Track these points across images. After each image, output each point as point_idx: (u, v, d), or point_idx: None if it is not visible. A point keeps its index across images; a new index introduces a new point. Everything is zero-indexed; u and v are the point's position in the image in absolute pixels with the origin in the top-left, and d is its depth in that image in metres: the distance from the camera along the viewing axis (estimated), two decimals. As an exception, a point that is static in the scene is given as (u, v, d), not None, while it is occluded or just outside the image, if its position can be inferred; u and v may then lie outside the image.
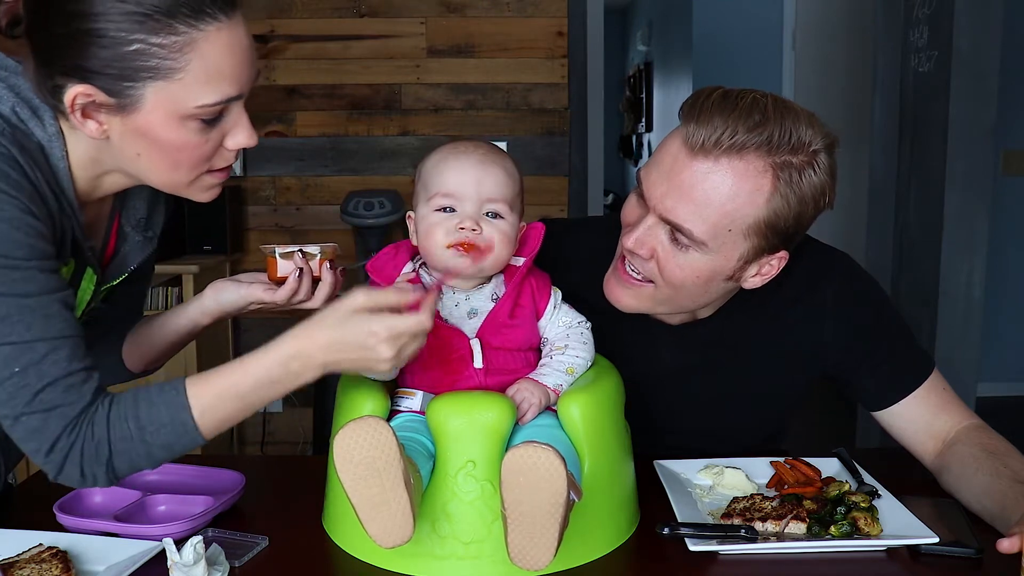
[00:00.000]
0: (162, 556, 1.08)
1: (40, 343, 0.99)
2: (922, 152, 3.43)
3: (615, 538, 1.19)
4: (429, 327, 1.05)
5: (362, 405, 1.15)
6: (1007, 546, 1.04)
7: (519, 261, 1.24)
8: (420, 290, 1.08)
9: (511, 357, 1.21)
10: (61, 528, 1.21)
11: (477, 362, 1.17)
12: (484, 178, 1.19)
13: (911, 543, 1.14)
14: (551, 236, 1.27)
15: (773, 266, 1.30)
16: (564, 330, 1.24)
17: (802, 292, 1.41)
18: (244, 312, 1.31)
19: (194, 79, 1.00)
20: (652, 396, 1.44)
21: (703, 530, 1.16)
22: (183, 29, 0.98)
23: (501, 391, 1.17)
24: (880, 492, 1.26)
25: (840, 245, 1.50)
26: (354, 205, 3.39)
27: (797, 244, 1.31)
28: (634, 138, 9.33)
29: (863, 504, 1.20)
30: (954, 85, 3.18)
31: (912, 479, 1.36)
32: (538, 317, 1.24)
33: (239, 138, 1.08)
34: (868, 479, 1.31)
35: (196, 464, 1.39)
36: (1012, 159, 4.55)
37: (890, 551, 1.15)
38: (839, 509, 1.20)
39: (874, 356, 1.40)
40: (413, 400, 1.19)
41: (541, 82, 3.70)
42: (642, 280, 1.30)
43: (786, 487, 1.30)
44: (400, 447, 0.98)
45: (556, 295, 1.26)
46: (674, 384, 1.45)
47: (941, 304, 3.31)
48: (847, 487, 1.25)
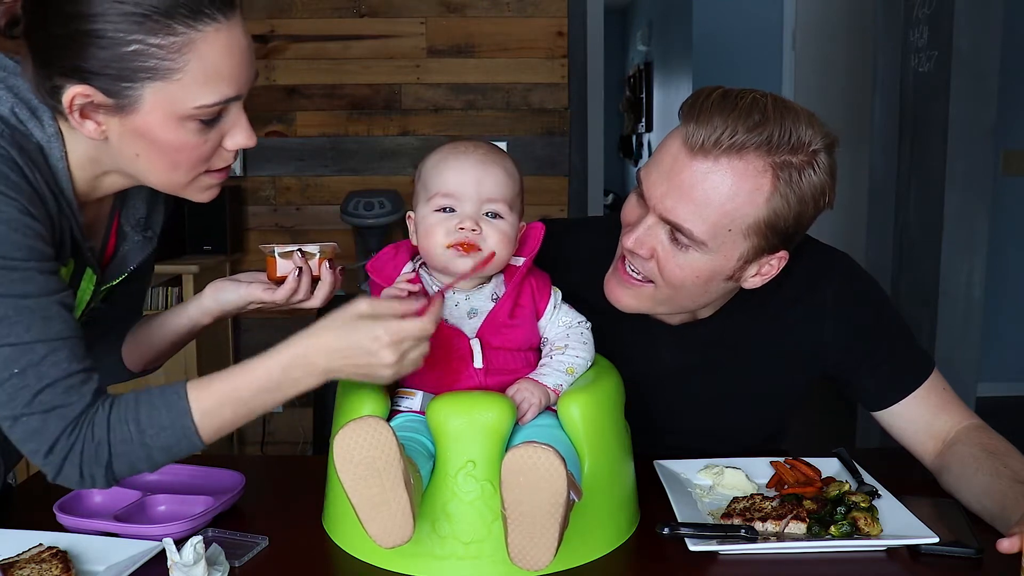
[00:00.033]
0: (162, 556, 1.08)
1: (39, 344, 0.99)
2: (922, 152, 3.43)
3: (615, 538, 1.19)
4: (431, 332, 1.05)
5: (362, 405, 1.15)
6: (1007, 546, 1.04)
7: (519, 261, 1.24)
8: (422, 297, 1.09)
9: (511, 357, 1.21)
10: (61, 528, 1.21)
11: (477, 362, 1.17)
12: (484, 178, 1.19)
13: (911, 543, 1.14)
14: (551, 236, 1.27)
15: (773, 266, 1.30)
16: (564, 330, 1.24)
17: (802, 292, 1.41)
18: (244, 312, 1.31)
19: (192, 80, 1.00)
20: (652, 396, 1.44)
21: (703, 530, 1.16)
22: (181, 30, 0.98)
23: (501, 391, 1.17)
24: (880, 492, 1.26)
25: (840, 245, 1.50)
26: (354, 205, 3.39)
27: (797, 244, 1.31)
28: (634, 138, 9.33)
29: (863, 504, 1.20)
30: (954, 85, 3.18)
31: (912, 479, 1.36)
32: (538, 317, 1.24)
33: (238, 139, 1.08)
34: (868, 479, 1.31)
35: (196, 464, 1.39)
36: (1012, 159, 4.55)
37: (890, 551, 1.15)
38: (839, 509, 1.20)
39: (874, 356, 1.40)
40: (413, 400, 1.19)
41: (541, 82, 3.70)
42: (642, 280, 1.30)
43: (786, 487, 1.30)
44: (400, 447, 0.98)
45: (556, 295, 1.26)
46: (674, 384, 1.45)
47: (941, 304, 3.31)
48: (847, 487, 1.25)
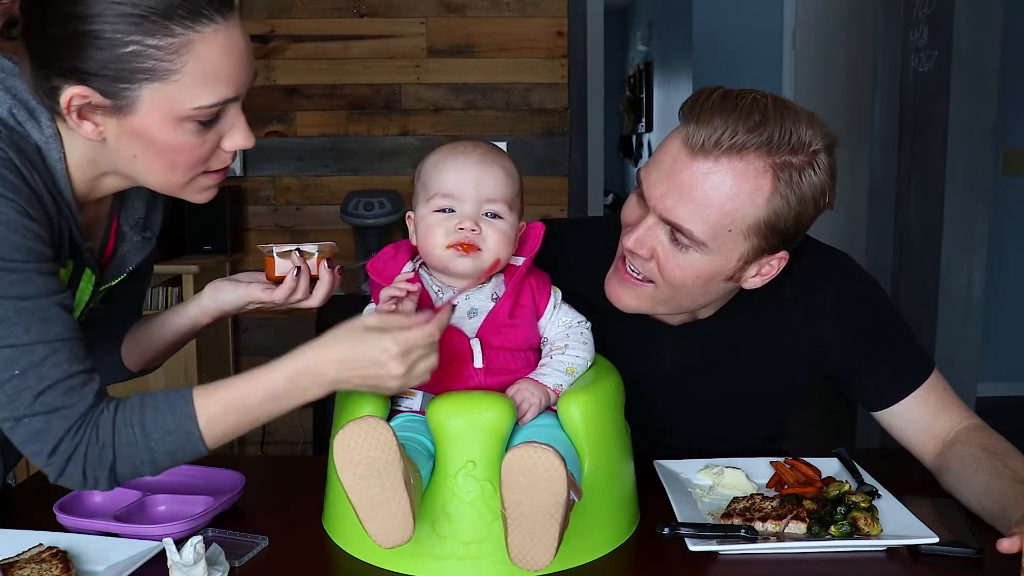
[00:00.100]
0: (162, 556, 1.07)
1: (39, 345, 0.99)
2: (922, 152, 3.43)
3: (615, 538, 1.19)
4: (437, 338, 1.06)
5: (362, 405, 1.15)
6: (1007, 546, 1.04)
7: (519, 261, 1.24)
8: (429, 310, 1.10)
9: (511, 357, 1.21)
10: (61, 528, 1.21)
11: (477, 362, 1.17)
12: (483, 178, 1.19)
13: (911, 543, 1.14)
14: (551, 236, 1.27)
15: (773, 266, 1.30)
16: (564, 330, 1.24)
17: (802, 292, 1.41)
18: (243, 312, 1.31)
19: (190, 81, 1.00)
20: (652, 396, 1.44)
21: (703, 530, 1.16)
22: (179, 31, 0.98)
23: (501, 391, 1.17)
24: (880, 492, 1.26)
25: (840, 245, 1.50)
26: (354, 205, 3.39)
27: (797, 244, 1.31)
28: (634, 138, 9.33)
29: (863, 504, 1.20)
30: (954, 85, 3.18)
31: (912, 479, 1.36)
32: (538, 317, 1.24)
33: (236, 140, 1.08)
34: (868, 479, 1.31)
35: (196, 464, 1.39)
36: (1012, 159, 4.55)
37: (890, 551, 1.15)
38: (839, 509, 1.20)
39: (874, 356, 1.40)
40: (413, 400, 1.19)
41: (541, 82, 3.69)
42: (642, 280, 1.30)
43: (786, 487, 1.29)
44: (400, 447, 0.98)
45: (556, 295, 1.26)
46: (674, 384, 1.45)
47: (941, 304, 3.31)
48: (847, 487, 1.25)
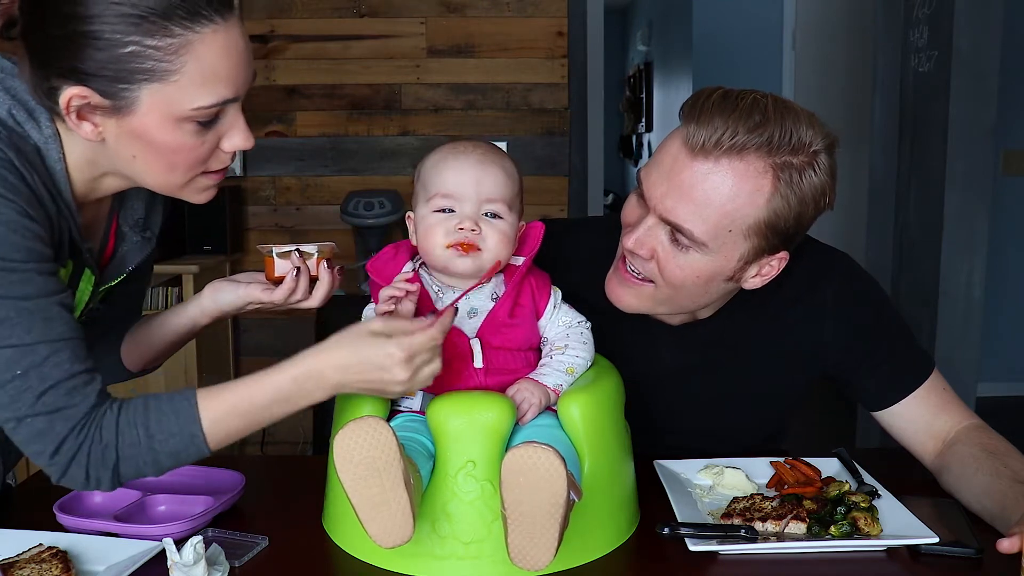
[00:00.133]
0: (162, 556, 1.07)
1: (41, 345, 0.99)
2: (922, 152, 3.43)
3: (615, 538, 1.19)
4: (441, 341, 1.07)
5: (362, 405, 1.15)
6: (1007, 546, 1.04)
7: (519, 260, 1.24)
8: (432, 314, 1.11)
9: (511, 357, 1.21)
10: (61, 528, 1.21)
11: (477, 362, 1.17)
12: (483, 178, 1.19)
13: (911, 543, 1.14)
14: (551, 236, 1.27)
15: (773, 267, 1.30)
16: (564, 330, 1.24)
17: (802, 292, 1.41)
18: (243, 312, 1.31)
19: (190, 81, 1.00)
20: (652, 396, 1.44)
21: (703, 530, 1.16)
22: (178, 31, 0.98)
23: (501, 391, 1.17)
24: (880, 492, 1.26)
25: (840, 245, 1.50)
26: (354, 205, 3.39)
27: (797, 244, 1.31)
28: (634, 138, 9.33)
29: (863, 504, 1.20)
30: (954, 85, 3.18)
31: (912, 479, 1.36)
32: (538, 317, 1.24)
33: (235, 140, 1.08)
34: (868, 479, 1.31)
35: (196, 464, 1.38)
36: (1012, 159, 4.55)
37: (890, 551, 1.15)
38: (839, 509, 1.20)
39: (874, 356, 1.40)
40: (413, 400, 1.19)
41: (541, 82, 3.69)
42: (643, 280, 1.30)
43: (786, 487, 1.29)
44: (400, 447, 0.98)
45: (556, 295, 1.26)
46: (674, 384, 1.45)
47: (941, 304, 3.31)
48: (847, 487, 1.25)
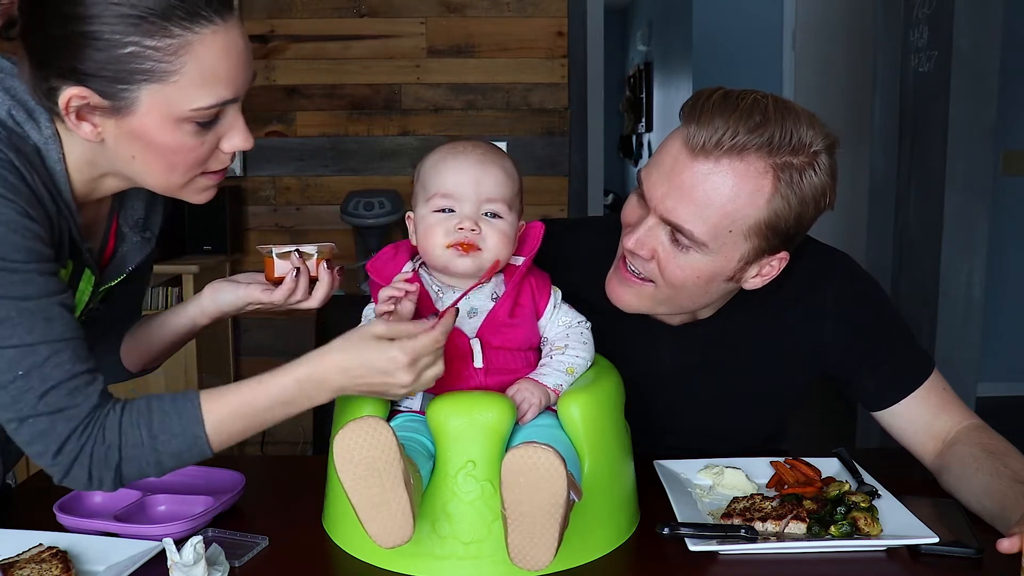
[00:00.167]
0: (162, 556, 1.08)
1: (42, 346, 0.99)
2: (922, 152, 3.43)
3: (615, 538, 1.19)
4: (443, 343, 1.07)
5: (362, 405, 1.15)
6: (1007, 546, 1.04)
7: (519, 260, 1.24)
8: (433, 316, 1.12)
9: (511, 357, 1.21)
10: (61, 528, 1.21)
11: (477, 362, 1.17)
12: (483, 178, 1.19)
13: (911, 543, 1.14)
14: (551, 236, 1.27)
15: (774, 267, 1.30)
16: (564, 330, 1.24)
17: (802, 292, 1.41)
18: (242, 312, 1.31)
19: (189, 82, 1.00)
20: (652, 396, 1.44)
21: (703, 530, 1.16)
22: (178, 32, 0.98)
23: (501, 391, 1.17)
24: (880, 492, 1.26)
25: (840, 245, 1.50)
26: (354, 205, 3.39)
27: (797, 244, 1.31)
28: (634, 138, 9.33)
29: (863, 504, 1.20)
30: (954, 85, 3.18)
31: (912, 479, 1.36)
32: (538, 316, 1.24)
33: (235, 141, 1.08)
34: (868, 479, 1.31)
35: (196, 464, 1.38)
36: (1012, 159, 4.55)
37: (890, 551, 1.15)
38: (839, 509, 1.20)
39: (874, 356, 1.40)
40: (413, 400, 1.19)
41: (541, 82, 3.69)
42: (643, 279, 1.30)
43: (786, 487, 1.29)
44: (400, 447, 0.98)
45: (556, 294, 1.26)
46: (674, 384, 1.45)
47: (941, 304, 3.31)
48: (847, 487, 1.25)
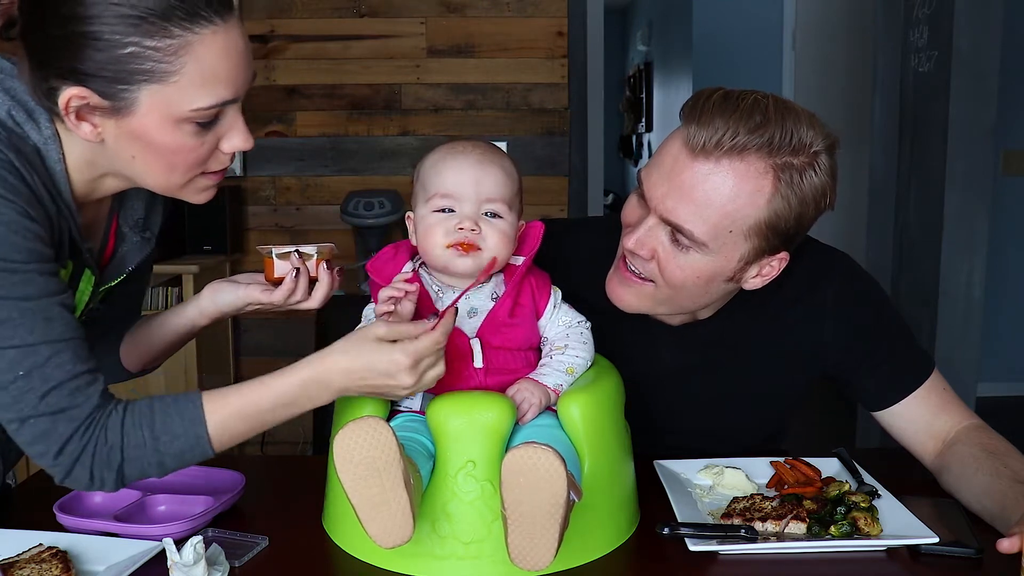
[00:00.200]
0: (162, 556, 1.08)
1: (43, 346, 0.99)
2: (922, 152, 3.43)
3: (615, 538, 1.19)
4: (444, 344, 1.07)
5: (362, 405, 1.15)
6: (1007, 546, 1.04)
7: (519, 260, 1.24)
8: (434, 316, 1.12)
9: (511, 357, 1.21)
10: (61, 528, 1.21)
11: (477, 362, 1.17)
12: (483, 178, 1.19)
13: (911, 543, 1.14)
14: (551, 236, 1.27)
15: (774, 267, 1.30)
16: (564, 330, 1.24)
17: (802, 292, 1.41)
18: (242, 313, 1.31)
19: (189, 82, 1.00)
20: (652, 396, 1.44)
21: (703, 530, 1.16)
22: (178, 32, 0.98)
23: (501, 391, 1.17)
24: (880, 492, 1.26)
25: (840, 245, 1.50)
26: (354, 205, 3.39)
27: (797, 244, 1.31)
28: (634, 138, 9.33)
29: (863, 504, 1.20)
30: (954, 85, 3.18)
31: (912, 479, 1.36)
32: (538, 317, 1.24)
33: (235, 141, 1.08)
34: (868, 479, 1.31)
35: (196, 464, 1.39)
36: (1012, 159, 4.55)
37: (890, 551, 1.15)
38: (839, 509, 1.20)
39: (874, 356, 1.40)
40: (413, 400, 1.19)
41: (541, 82, 3.69)
42: (643, 279, 1.30)
43: (786, 487, 1.29)
44: (400, 447, 0.98)
45: (556, 294, 1.26)
46: (674, 384, 1.45)
47: (941, 304, 3.31)
48: (847, 487, 1.25)
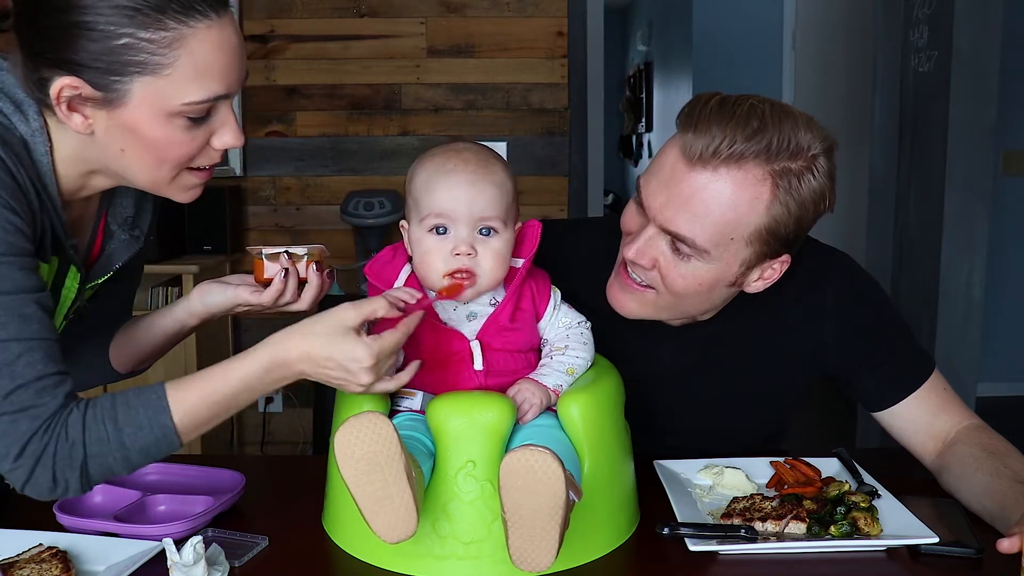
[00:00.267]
0: (162, 556, 1.07)
1: (14, 343, 0.97)
2: (922, 152, 3.43)
3: (615, 538, 1.19)
4: (403, 343, 1.09)
5: (362, 404, 1.15)
6: (1007, 546, 1.04)
7: (518, 262, 1.23)
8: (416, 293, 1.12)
9: (512, 359, 1.20)
10: (61, 528, 1.21)
11: (477, 364, 1.17)
12: (476, 197, 1.16)
13: (911, 543, 1.14)
14: (550, 236, 1.26)
15: (775, 270, 1.30)
16: (564, 330, 1.24)
17: (802, 292, 1.41)
18: (232, 313, 1.30)
19: (182, 75, 1.00)
20: (652, 396, 1.44)
21: (703, 530, 1.16)
22: (173, 25, 0.98)
23: (501, 392, 1.17)
24: (880, 492, 1.26)
25: (840, 245, 1.50)
26: (354, 205, 3.39)
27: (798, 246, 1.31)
28: (634, 138, 9.33)
29: (863, 504, 1.20)
30: (954, 85, 3.18)
31: (912, 479, 1.36)
32: (538, 319, 1.24)
33: (226, 138, 1.08)
34: (868, 479, 1.31)
35: (196, 464, 1.39)
36: (1012, 159, 4.55)
37: (890, 551, 1.15)
38: (839, 509, 1.20)
39: (874, 356, 1.40)
40: (413, 400, 1.18)
41: (541, 82, 3.69)
42: (645, 286, 1.30)
43: (786, 487, 1.30)
44: (401, 441, 0.98)
45: (556, 295, 1.26)
46: (674, 384, 1.45)
47: (941, 304, 3.31)
48: (847, 487, 1.25)
